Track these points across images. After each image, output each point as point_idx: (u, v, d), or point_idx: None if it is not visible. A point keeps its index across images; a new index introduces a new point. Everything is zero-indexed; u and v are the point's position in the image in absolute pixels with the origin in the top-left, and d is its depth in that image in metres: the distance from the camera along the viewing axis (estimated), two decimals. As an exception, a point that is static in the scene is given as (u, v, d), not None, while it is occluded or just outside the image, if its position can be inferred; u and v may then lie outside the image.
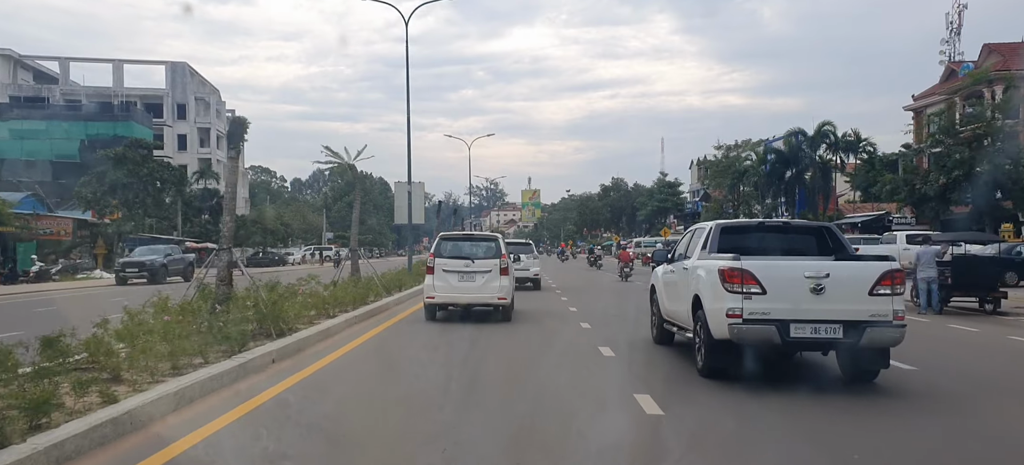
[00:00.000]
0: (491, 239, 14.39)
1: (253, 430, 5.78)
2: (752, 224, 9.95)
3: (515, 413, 6.48)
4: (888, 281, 7.11)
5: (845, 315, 7.07)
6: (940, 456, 5.41)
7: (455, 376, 8.33)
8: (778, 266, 7.44)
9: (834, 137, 45.17)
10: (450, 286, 13.38)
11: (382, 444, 5.53)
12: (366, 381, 8.46)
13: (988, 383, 8.45)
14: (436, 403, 6.79)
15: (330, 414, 6.59)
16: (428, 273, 13.66)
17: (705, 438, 5.81)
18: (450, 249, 13.81)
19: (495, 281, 13.30)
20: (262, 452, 5.27)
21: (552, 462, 5.19)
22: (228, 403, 6.49)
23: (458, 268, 13.41)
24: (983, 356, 10.52)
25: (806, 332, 7.10)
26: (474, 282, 13.31)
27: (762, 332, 7.12)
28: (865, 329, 7.02)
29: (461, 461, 5.03)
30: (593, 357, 9.47)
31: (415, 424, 6.06)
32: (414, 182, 34.11)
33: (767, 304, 7.12)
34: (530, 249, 26.57)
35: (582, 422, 6.16)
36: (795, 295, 7.11)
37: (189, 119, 75.81)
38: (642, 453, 5.35)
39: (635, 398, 6.69)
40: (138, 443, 5.23)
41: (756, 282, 7.13)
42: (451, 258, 13.56)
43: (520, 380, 8.21)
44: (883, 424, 6.12)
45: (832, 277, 7.12)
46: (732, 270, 7.22)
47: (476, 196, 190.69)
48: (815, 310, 7.09)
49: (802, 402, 6.94)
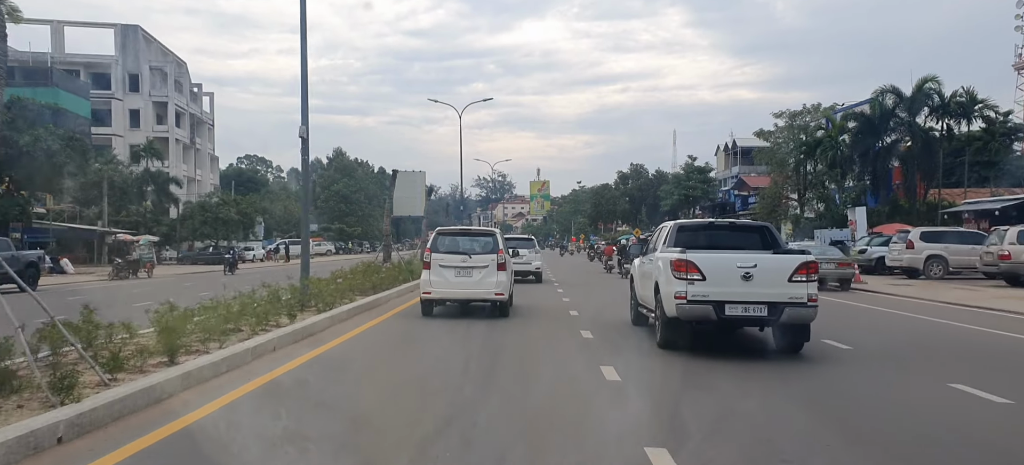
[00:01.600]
0: (489, 234, 14.27)
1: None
2: (704, 223, 11.64)
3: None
4: (804, 270, 8.86)
5: (769, 297, 8.81)
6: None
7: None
8: (716, 258, 9.19)
9: (939, 97, 34.02)
10: (447, 282, 13.20)
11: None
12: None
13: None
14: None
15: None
16: (425, 268, 13.54)
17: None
18: (447, 244, 13.66)
19: (492, 276, 13.15)
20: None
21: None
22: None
23: (455, 263, 13.25)
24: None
25: (738, 311, 8.89)
26: (471, 277, 13.21)
27: (702, 311, 8.94)
28: (784, 309, 8.77)
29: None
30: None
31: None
32: (414, 170, 34.52)
33: (706, 288, 8.87)
34: (532, 244, 27.53)
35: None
36: (729, 281, 8.86)
37: (143, 92, 65.13)
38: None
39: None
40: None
41: (698, 270, 8.91)
42: (448, 253, 13.38)
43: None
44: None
45: (759, 267, 8.87)
46: (680, 260, 9.03)
47: (483, 188, 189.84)
48: (745, 293, 8.84)
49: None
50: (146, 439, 5.12)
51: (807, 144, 38.63)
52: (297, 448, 5.03)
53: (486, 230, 15.16)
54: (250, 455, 4.99)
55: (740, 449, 5.07)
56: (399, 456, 4.89)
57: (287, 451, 4.98)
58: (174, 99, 67.09)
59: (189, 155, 70.35)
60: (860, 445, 5.26)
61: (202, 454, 4.95)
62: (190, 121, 70.99)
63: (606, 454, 4.96)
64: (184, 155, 69.68)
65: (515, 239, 27.03)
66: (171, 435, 5.29)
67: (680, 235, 10.16)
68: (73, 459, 4.70)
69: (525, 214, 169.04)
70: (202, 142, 74.46)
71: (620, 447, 5.09)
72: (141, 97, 64.91)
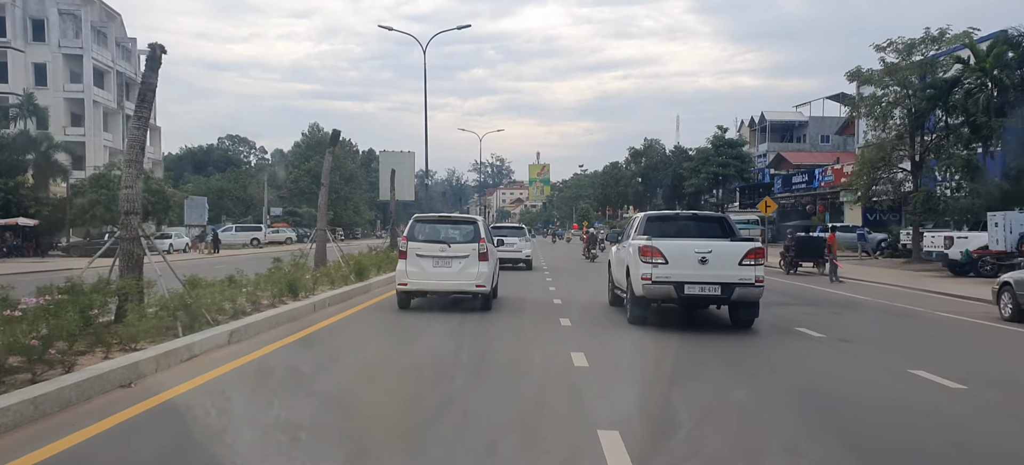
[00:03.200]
0: (470, 222, 13.53)
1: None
2: (670, 214, 13.88)
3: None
4: (752, 255, 10.29)
5: (722, 278, 10.20)
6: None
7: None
8: (677, 244, 10.66)
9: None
10: (424, 272, 12.49)
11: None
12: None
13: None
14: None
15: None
16: (401, 258, 12.76)
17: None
18: (425, 232, 12.89)
19: (473, 267, 12.41)
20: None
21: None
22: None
23: (433, 253, 12.49)
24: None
25: (695, 290, 10.29)
26: (450, 268, 12.45)
27: (665, 290, 10.38)
28: (735, 288, 10.23)
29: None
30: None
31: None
32: (402, 151, 36.26)
33: (668, 271, 10.30)
34: (523, 232, 28.34)
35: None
36: (688, 264, 10.28)
37: (49, 42, 52.61)
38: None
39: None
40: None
41: (661, 255, 10.35)
42: (426, 242, 12.63)
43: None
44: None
45: (714, 252, 10.28)
46: (646, 246, 10.50)
47: (481, 173, 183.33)
48: (701, 275, 10.25)
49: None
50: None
51: (934, 86, 26.28)
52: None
53: (467, 217, 14.41)
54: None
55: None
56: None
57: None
58: (93, 53, 54.60)
59: (114, 122, 57.85)
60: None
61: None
62: (118, 81, 58.43)
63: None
64: (107, 122, 57.26)
65: (506, 227, 28.61)
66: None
67: (649, 224, 11.92)
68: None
69: (524, 200, 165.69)
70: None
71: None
72: (48, 48, 52.40)
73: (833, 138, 71.28)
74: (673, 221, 12.32)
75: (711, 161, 57.07)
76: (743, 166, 57.91)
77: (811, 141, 72.26)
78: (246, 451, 4.60)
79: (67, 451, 4.61)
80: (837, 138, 70.78)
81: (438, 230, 12.89)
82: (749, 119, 78.36)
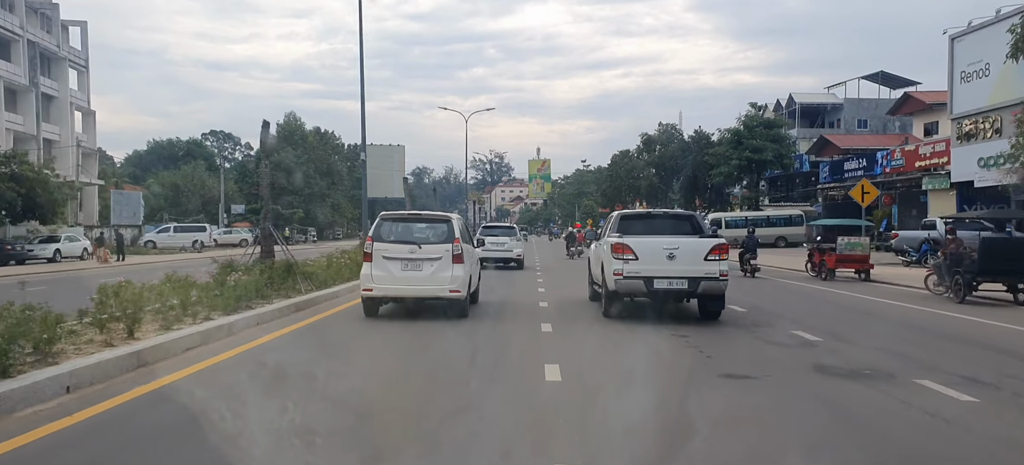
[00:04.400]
0: (443, 220, 12.07)
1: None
2: (642, 213, 14.40)
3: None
4: (717, 251, 10.77)
5: (689, 273, 10.72)
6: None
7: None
8: (647, 241, 11.07)
9: None
10: (392, 276, 11.40)
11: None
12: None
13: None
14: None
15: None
16: (365, 261, 11.60)
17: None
18: (392, 232, 11.75)
19: (446, 270, 11.33)
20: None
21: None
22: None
23: (402, 255, 11.40)
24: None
25: (664, 284, 10.79)
26: (421, 271, 11.37)
27: (635, 285, 10.91)
28: (701, 282, 10.71)
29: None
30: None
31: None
32: (391, 144, 39.74)
33: (639, 266, 10.79)
34: (514, 232, 27.71)
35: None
36: (657, 260, 10.79)
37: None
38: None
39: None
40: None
41: (632, 252, 10.83)
42: (393, 242, 11.54)
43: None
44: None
45: (681, 249, 10.82)
46: (618, 244, 10.97)
47: (479, 171, 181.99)
48: (669, 270, 10.75)
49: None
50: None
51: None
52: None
53: (440, 215, 12.51)
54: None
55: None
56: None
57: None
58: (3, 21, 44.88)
59: (25, 101, 48.14)
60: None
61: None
62: (28, 53, 48.68)
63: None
64: (17, 101, 47.56)
65: (497, 226, 30.33)
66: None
67: (622, 223, 12.28)
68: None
69: (524, 197, 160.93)
70: (59, 87, 52.24)
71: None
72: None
73: (871, 121, 62.34)
74: (645, 219, 13.03)
75: (744, 144, 47.15)
76: (783, 151, 48.05)
77: (846, 126, 62.87)
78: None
79: None
80: (876, 122, 61.90)
81: (407, 229, 11.78)
82: (774, 102, 68.65)
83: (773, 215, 46.99)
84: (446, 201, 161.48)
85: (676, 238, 11.17)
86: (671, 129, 64.04)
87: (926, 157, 35.89)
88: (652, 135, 65.70)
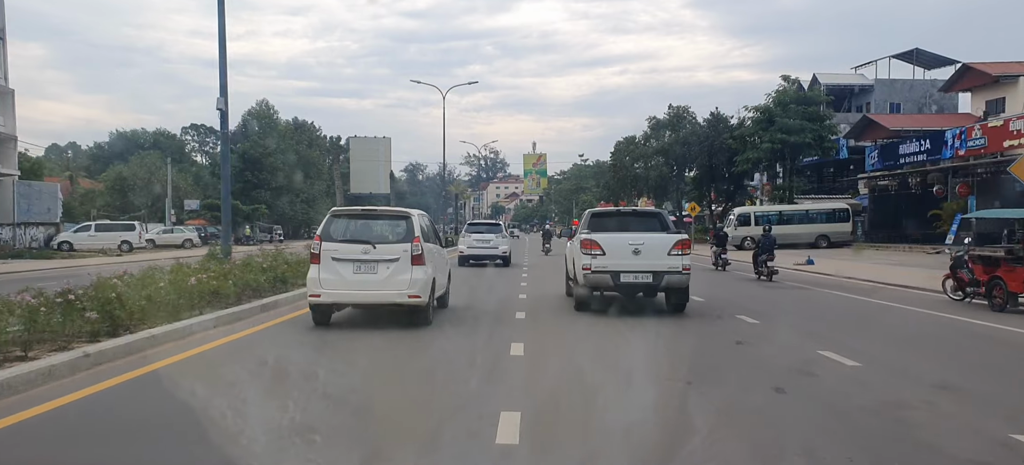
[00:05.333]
0: (401, 217, 10.70)
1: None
2: (612, 211, 14.38)
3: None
4: (679, 246, 11.40)
5: (653, 267, 11.29)
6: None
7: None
8: (613, 237, 11.63)
9: None
10: (342, 280, 10.01)
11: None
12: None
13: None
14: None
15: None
16: (313, 263, 10.17)
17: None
18: (344, 230, 10.49)
19: (405, 272, 10.01)
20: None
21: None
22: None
23: (353, 255, 10.07)
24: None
25: (630, 278, 11.35)
26: (375, 274, 10.05)
27: (603, 279, 11.44)
28: (664, 276, 11.30)
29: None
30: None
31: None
32: (376, 137, 38.33)
33: (606, 261, 11.36)
34: (499, 229, 26.87)
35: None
36: (623, 255, 11.35)
37: None
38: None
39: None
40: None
41: (599, 247, 11.42)
42: (345, 242, 10.24)
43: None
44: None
45: (646, 244, 11.38)
46: (587, 240, 11.58)
47: (473, 167, 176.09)
48: (635, 264, 11.31)
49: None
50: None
51: None
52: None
53: (398, 211, 11.21)
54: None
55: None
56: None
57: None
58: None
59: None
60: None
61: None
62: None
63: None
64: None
65: (482, 224, 28.53)
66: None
67: (593, 220, 12.44)
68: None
69: (519, 194, 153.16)
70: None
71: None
72: None
73: (904, 105, 55.10)
74: (615, 217, 13.14)
75: (777, 125, 39.48)
76: (822, 132, 40.39)
77: (877, 109, 55.35)
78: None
79: None
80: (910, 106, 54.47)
81: (360, 227, 10.61)
82: (794, 83, 61.20)
83: (813, 209, 39.39)
84: (440, 198, 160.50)
85: (642, 234, 11.73)
86: (682, 112, 56.24)
87: (1019, 134, 28.31)
88: (661, 118, 57.68)
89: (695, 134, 52.34)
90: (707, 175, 51.15)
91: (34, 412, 5.56)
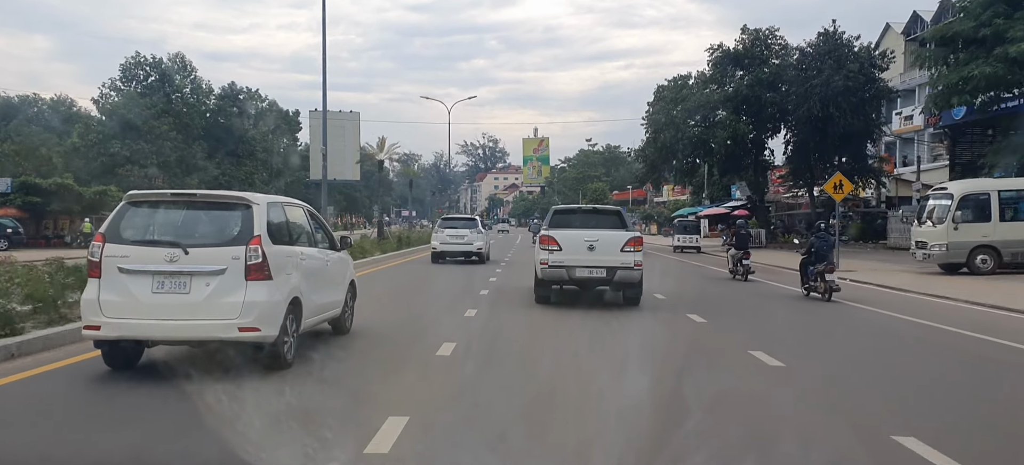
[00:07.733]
0: (234, 205, 7.07)
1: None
2: (574, 208, 15.20)
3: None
4: (632, 243, 12.10)
5: (606, 263, 12.05)
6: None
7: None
8: (570, 233, 12.44)
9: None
10: (135, 303, 6.58)
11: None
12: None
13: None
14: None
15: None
16: (91, 276, 6.75)
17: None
18: (142, 225, 6.99)
19: (235, 292, 6.61)
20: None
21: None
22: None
23: (153, 265, 6.61)
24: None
25: (584, 273, 12.13)
26: (187, 294, 6.61)
27: (558, 273, 12.21)
28: (617, 271, 12.05)
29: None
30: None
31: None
32: (342, 111, 32.13)
33: (562, 256, 12.14)
34: (475, 224, 26.52)
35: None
36: (578, 251, 12.12)
37: None
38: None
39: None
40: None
41: (556, 242, 12.19)
42: (141, 244, 6.76)
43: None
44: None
45: (600, 240, 12.15)
46: (545, 235, 12.48)
47: (470, 156, 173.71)
48: (589, 260, 12.10)
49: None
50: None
51: None
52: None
53: (232, 197, 7.36)
54: None
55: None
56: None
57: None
58: None
59: None
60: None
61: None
62: None
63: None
64: None
65: (455, 218, 28.71)
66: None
67: (554, 217, 13.32)
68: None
69: (519, 186, 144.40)
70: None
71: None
72: None
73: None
74: (576, 214, 13.96)
75: (1002, 37, 23.50)
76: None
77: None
78: None
79: None
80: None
81: (169, 221, 7.01)
82: (882, 28, 46.00)
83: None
84: (434, 190, 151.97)
85: (597, 231, 12.46)
86: (770, 34, 37.96)
87: None
88: (735, 49, 37.92)
89: (797, 68, 35.69)
90: (814, 136, 34.60)
91: None
